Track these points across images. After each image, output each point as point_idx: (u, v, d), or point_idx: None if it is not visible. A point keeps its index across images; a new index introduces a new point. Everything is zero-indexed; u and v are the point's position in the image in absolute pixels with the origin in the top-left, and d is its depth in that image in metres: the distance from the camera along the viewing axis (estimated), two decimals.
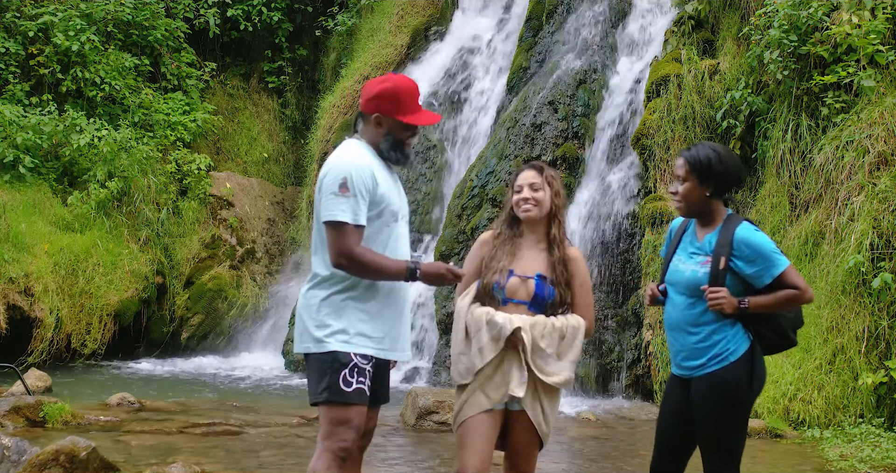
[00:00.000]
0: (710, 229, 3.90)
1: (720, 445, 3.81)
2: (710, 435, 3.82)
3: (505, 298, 3.89)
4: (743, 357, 3.78)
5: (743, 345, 3.80)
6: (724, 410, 3.78)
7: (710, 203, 3.89)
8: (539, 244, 3.99)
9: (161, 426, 7.38)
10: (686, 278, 3.87)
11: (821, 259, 8.08)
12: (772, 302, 3.78)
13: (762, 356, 3.86)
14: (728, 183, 3.89)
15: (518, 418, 3.87)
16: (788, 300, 3.78)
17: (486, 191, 10.44)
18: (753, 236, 3.79)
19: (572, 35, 11.76)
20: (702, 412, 3.82)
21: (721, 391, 3.77)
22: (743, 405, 3.81)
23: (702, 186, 3.86)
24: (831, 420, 7.37)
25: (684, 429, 3.91)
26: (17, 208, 11.08)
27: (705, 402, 3.81)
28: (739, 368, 3.77)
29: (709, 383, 3.80)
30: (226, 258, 12.84)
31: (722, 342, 3.79)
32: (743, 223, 3.83)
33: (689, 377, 3.88)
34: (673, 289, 3.96)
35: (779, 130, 9.11)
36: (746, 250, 3.77)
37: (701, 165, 3.84)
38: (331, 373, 3.65)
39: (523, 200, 3.95)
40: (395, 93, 3.80)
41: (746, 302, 3.76)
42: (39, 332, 10.69)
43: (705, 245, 3.88)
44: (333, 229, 3.67)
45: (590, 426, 8.03)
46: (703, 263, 3.84)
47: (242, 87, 14.94)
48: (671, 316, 3.95)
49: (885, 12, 8.64)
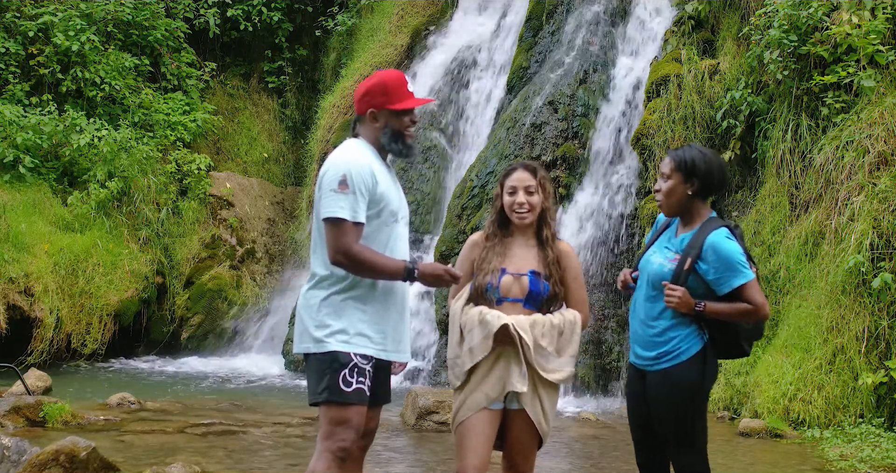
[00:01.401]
0: (689, 229, 3.95)
1: (680, 437, 3.89)
2: (668, 430, 3.91)
3: (500, 297, 3.90)
4: (694, 357, 3.86)
5: (695, 346, 3.87)
6: (678, 405, 3.87)
7: (692, 203, 3.95)
8: (529, 242, 4.01)
9: (161, 426, 7.38)
10: (653, 270, 3.95)
11: (821, 259, 8.08)
12: (728, 311, 3.84)
13: (714, 357, 3.92)
14: (711, 184, 3.93)
15: (517, 416, 3.88)
16: (743, 312, 3.85)
17: (486, 191, 10.44)
18: (723, 244, 3.83)
19: (572, 35, 11.76)
20: (657, 408, 3.92)
21: (673, 388, 3.87)
22: (696, 400, 3.90)
23: (685, 183, 3.91)
24: (831, 420, 7.37)
25: (650, 418, 3.99)
26: (17, 208, 11.07)
27: (659, 398, 3.91)
28: (691, 366, 3.86)
29: (661, 379, 3.90)
30: (226, 258, 12.84)
31: (675, 339, 3.87)
32: (719, 229, 3.87)
33: (643, 369, 3.97)
34: (642, 278, 4.04)
35: (779, 130, 9.11)
36: (712, 255, 3.82)
37: (686, 164, 3.91)
38: (330, 373, 3.65)
39: (518, 204, 3.96)
40: (382, 85, 3.84)
41: (703, 306, 3.82)
42: (39, 332, 10.68)
43: (678, 243, 3.94)
44: (332, 226, 3.67)
45: (590, 426, 8.04)
46: (672, 259, 3.91)
47: (242, 87, 14.94)
48: (636, 305, 4.04)
49: (885, 12, 8.64)
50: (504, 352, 3.84)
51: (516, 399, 3.85)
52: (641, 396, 4.01)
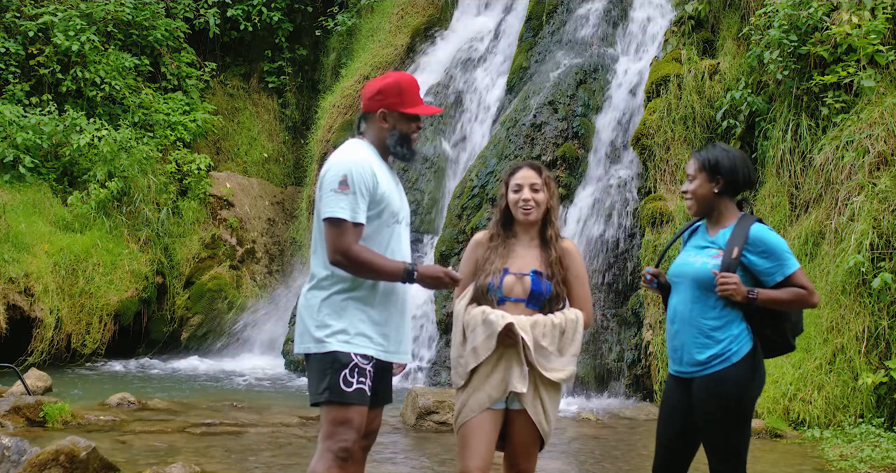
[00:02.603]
0: (723, 226, 3.93)
1: (725, 446, 3.80)
2: (714, 437, 3.81)
3: (502, 297, 3.90)
4: (745, 358, 3.78)
5: (746, 346, 3.80)
6: (727, 411, 3.77)
7: (720, 202, 3.94)
8: (532, 242, 4.01)
9: (161, 426, 7.38)
10: (696, 269, 3.87)
11: (821, 259, 8.08)
12: (782, 297, 3.79)
13: (763, 358, 3.87)
14: (737, 182, 3.93)
15: (518, 417, 3.87)
16: (797, 298, 3.80)
17: (486, 191, 10.44)
18: (769, 235, 3.84)
19: (572, 35, 11.77)
20: (704, 413, 3.81)
21: (723, 392, 3.77)
22: (745, 405, 3.80)
23: (710, 182, 3.92)
24: (831, 420, 7.37)
25: (684, 431, 3.91)
26: (17, 208, 11.08)
27: (708, 403, 3.80)
28: (741, 369, 3.77)
29: (711, 383, 3.79)
30: (226, 258, 12.85)
31: (725, 341, 3.79)
32: (757, 223, 3.88)
33: (689, 378, 3.87)
34: (680, 283, 3.94)
35: (779, 130, 9.11)
36: (762, 246, 3.81)
37: (709, 163, 3.92)
38: (331, 373, 3.65)
39: (523, 200, 3.96)
40: (398, 86, 3.83)
41: (756, 293, 3.76)
42: (39, 332, 10.69)
43: (718, 239, 3.91)
44: (332, 226, 3.67)
45: (590, 426, 8.03)
46: (715, 256, 3.86)
47: (242, 87, 14.94)
48: (677, 310, 3.93)
49: (885, 12, 8.64)
50: (506, 353, 3.84)
51: (518, 399, 3.85)
52: (680, 406, 3.90)
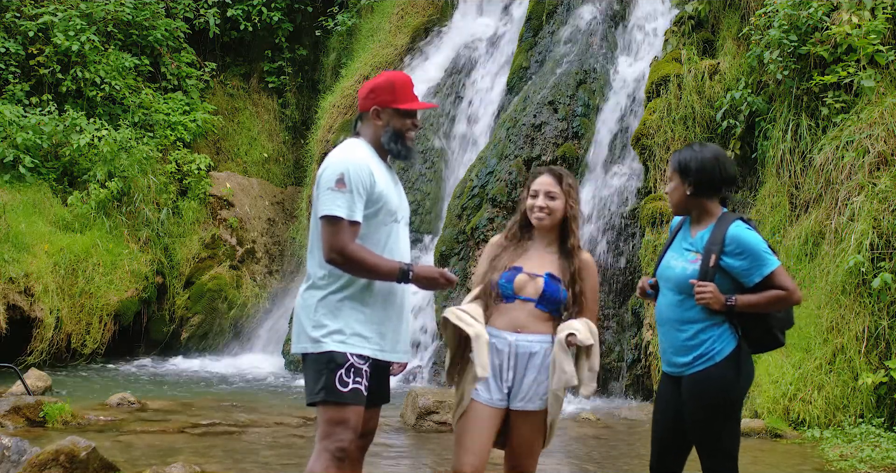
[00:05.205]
0: (703, 227, 3.94)
1: (714, 443, 3.84)
2: (702, 434, 3.85)
3: (512, 294, 3.90)
4: (729, 357, 3.82)
5: (729, 345, 3.83)
6: (712, 409, 3.82)
7: (696, 202, 3.95)
8: (549, 248, 4.01)
9: (161, 426, 7.38)
10: (676, 274, 3.91)
11: (821, 259, 8.08)
12: (760, 301, 3.80)
13: (749, 355, 3.89)
14: (711, 181, 3.92)
15: (523, 417, 3.88)
16: (777, 299, 3.81)
17: (486, 191, 10.44)
18: (745, 234, 3.82)
19: (572, 35, 11.76)
20: (692, 411, 3.86)
21: (709, 390, 3.81)
22: (732, 402, 3.85)
23: (682, 184, 3.94)
24: (831, 420, 7.37)
25: (678, 427, 3.94)
26: (17, 208, 11.08)
27: (695, 401, 3.85)
28: (726, 367, 3.81)
29: (697, 382, 3.84)
30: (226, 258, 12.84)
31: (708, 341, 3.83)
32: (736, 222, 3.87)
33: (679, 376, 3.92)
34: (664, 285, 4.00)
35: (779, 130, 9.11)
36: (737, 247, 3.80)
37: (679, 165, 3.95)
38: (327, 373, 3.65)
39: (538, 207, 3.96)
40: (390, 84, 3.85)
41: (734, 300, 3.78)
42: (39, 332, 10.69)
43: (697, 242, 3.92)
44: (328, 224, 3.67)
45: (590, 426, 8.03)
46: (693, 260, 3.88)
47: (242, 87, 14.93)
48: (662, 313, 3.99)
49: (885, 12, 8.64)
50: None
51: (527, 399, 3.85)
52: (672, 402, 3.94)
